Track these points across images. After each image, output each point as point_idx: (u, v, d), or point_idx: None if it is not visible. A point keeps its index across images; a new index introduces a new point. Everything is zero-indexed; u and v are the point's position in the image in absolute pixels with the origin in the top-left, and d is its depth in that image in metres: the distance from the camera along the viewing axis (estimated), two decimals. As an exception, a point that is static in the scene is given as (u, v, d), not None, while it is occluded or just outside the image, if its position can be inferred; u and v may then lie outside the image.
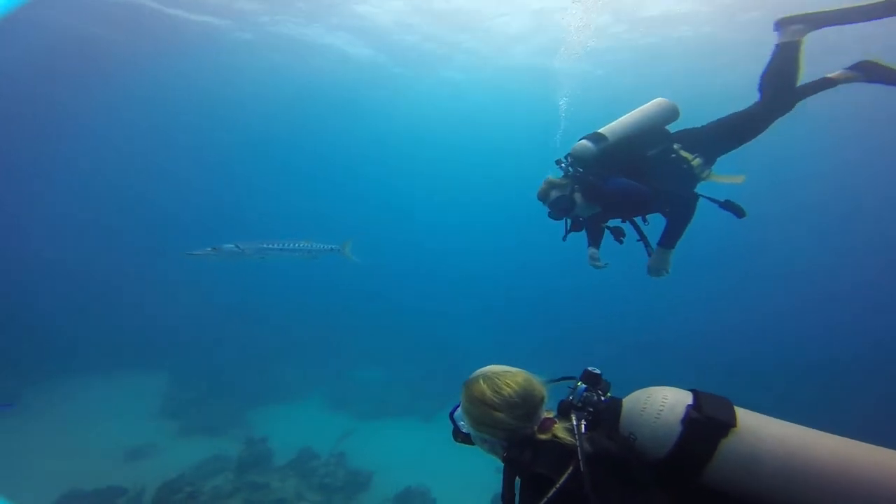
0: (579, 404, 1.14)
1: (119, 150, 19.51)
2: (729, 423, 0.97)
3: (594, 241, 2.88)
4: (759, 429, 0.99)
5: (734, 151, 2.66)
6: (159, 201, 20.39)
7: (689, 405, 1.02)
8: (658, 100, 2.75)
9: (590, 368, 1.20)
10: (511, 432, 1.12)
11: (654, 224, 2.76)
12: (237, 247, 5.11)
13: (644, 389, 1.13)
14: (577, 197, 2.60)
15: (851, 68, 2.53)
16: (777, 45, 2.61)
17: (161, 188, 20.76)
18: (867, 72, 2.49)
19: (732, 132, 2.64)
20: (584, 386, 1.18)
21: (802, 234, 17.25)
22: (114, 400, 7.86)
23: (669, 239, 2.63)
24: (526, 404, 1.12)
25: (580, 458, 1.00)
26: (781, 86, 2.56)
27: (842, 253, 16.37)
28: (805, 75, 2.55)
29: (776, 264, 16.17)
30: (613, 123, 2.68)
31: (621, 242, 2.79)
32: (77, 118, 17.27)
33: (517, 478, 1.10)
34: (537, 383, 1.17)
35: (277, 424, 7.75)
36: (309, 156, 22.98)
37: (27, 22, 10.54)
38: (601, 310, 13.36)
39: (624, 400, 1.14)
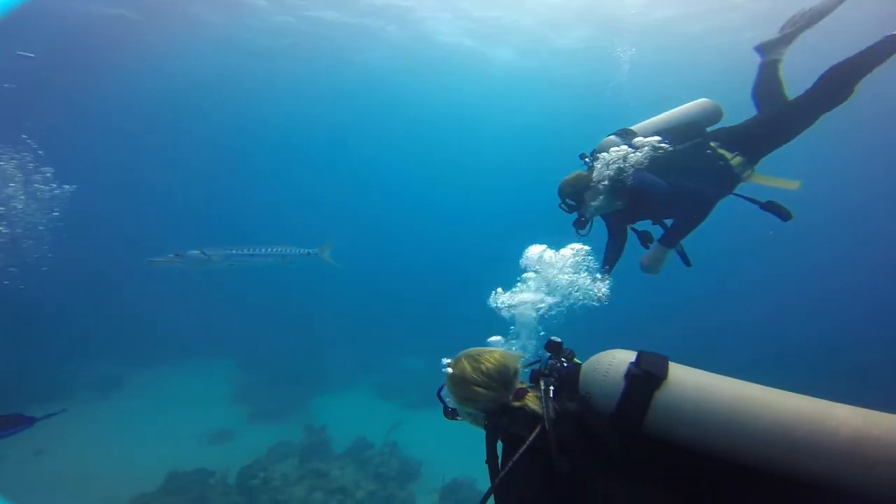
0: (546, 371, 1.28)
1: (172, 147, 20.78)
2: (660, 376, 1.07)
3: (613, 253, 2.75)
4: (685, 379, 1.08)
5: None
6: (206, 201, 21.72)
7: (631, 363, 1.12)
8: (701, 100, 2.59)
9: (553, 338, 1.34)
10: (490, 403, 1.29)
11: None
12: (203, 253, 4.86)
13: (598, 353, 1.23)
14: (592, 194, 2.50)
15: None
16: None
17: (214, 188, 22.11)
18: None
19: (776, 127, 2.41)
20: (548, 354, 1.33)
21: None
22: (192, 385, 8.88)
23: (671, 238, 2.51)
24: (502, 377, 1.29)
25: (545, 419, 1.15)
26: (839, 72, 2.28)
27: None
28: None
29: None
30: (647, 120, 2.57)
31: (647, 248, 2.66)
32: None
33: (498, 442, 1.24)
34: (511, 358, 1.35)
35: (333, 412, 8.38)
36: (342, 150, 23.20)
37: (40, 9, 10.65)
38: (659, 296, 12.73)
39: (582, 364, 1.25)
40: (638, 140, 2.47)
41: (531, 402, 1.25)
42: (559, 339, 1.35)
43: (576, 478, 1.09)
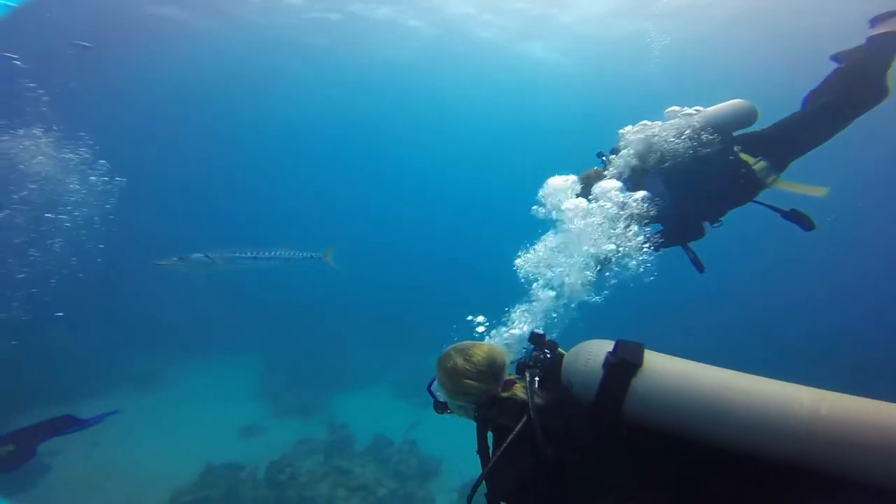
0: (531, 363, 1.34)
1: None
2: (636, 363, 1.09)
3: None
4: (661, 367, 1.10)
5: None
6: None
7: (608, 352, 1.15)
8: (735, 101, 2.45)
9: (535, 330, 1.40)
10: (481, 395, 1.32)
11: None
12: (206, 256, 4.92)
13: (580, 344, 1.26)
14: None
15: None
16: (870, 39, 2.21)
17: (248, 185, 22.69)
18: None
19: (802, 131, 2.29)
20: (532, 346, 1.38)
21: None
22: (223, 380, 9.31)
23: (656, 242, 2.39)
24: (491, 369, 1.34)
25: (530, 408, 1.19)
26: (866, 74, 2.15)
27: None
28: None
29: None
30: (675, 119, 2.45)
31: (701, 271, 2.55)
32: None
33: (488, 432, 1.28)
34: (499, 351, 1.40)
35: (354, 410, 8.62)
36: (362, 147, 23.21)
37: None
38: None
39: (564, 355, 1.29)
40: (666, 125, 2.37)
41: (519, 391, 1.31)
42: (542, 331, 1.41)
43: (562, 465, 1.13)
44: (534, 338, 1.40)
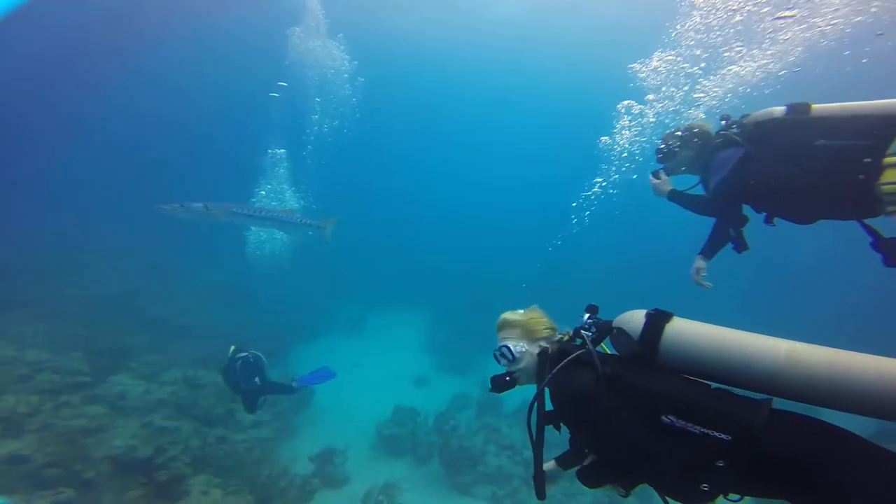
0: (586, 326, 1.60)
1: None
2: (669, 313, 1.46)
3: (715, 241, 2.60)
4: (685, 322, 1.45)
5: None
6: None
7: (648, 311, 1.50)
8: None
9: (591, 304, 1.66)
10: (546, 333, 1.64)
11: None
12: (205, 206, 5.04)
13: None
14: (686, 152, 2.55)
15: None
16: None
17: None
18: None
19: None
20: (588, 314, 1.64)
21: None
22: (403, 331, 11.60)
23: (708, 248, 2.60)
24: (546, 317, 1.70)
25: (587, 341, 1.51)
26: None
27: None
28: None
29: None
30: (833, 104, 2.15)
31: (739, 251, 2.54)
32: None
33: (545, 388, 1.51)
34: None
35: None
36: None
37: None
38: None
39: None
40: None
41: (570, 339, 1.64)
42: (596, 305, 1.66)
43: (617, 379, 1.38)
44: (589, 307, 1.65)
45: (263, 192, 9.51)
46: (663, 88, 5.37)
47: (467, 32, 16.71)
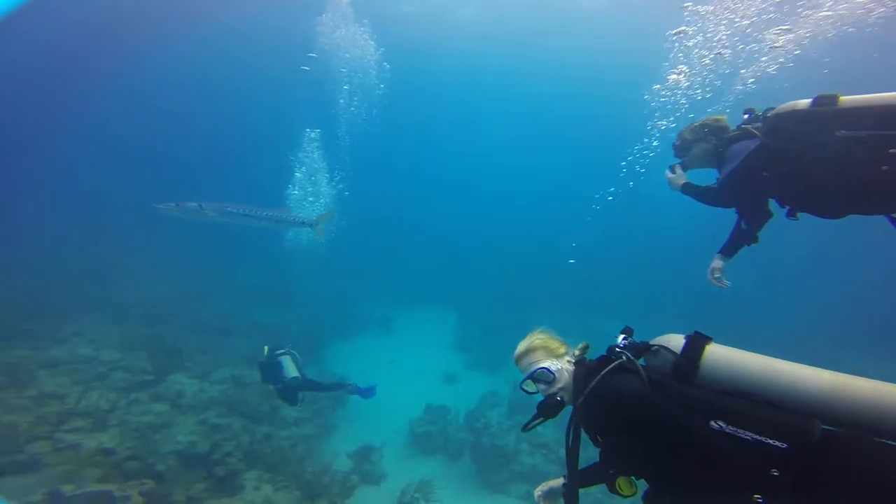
0: (619, 347, 1.59)
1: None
2: (709, 337, 1.50)
3: (736, 239, 2.58)
4: (722, 347, 1.49)
5: None
6: None
7: (688, 334, 1.54)
8: None
9: (627, 326, 1.67)
10: (570, 355, 1.69)
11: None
12: (199, 206, 5.09)
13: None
14: (700, 146, 2.56)
15: None
16: None
17: None
18: None
19: None
20: (623, 335, 1.65)
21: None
22: (430, 329, 11.86)
23: (727, 247, 2.60)
24: (557, 336, 1.77)
25: (626, 353, 1.53)
26: None
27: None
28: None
29: None
30: (860, 96, 2.03)
31: (747, 243, 2.54)
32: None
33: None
34: None
35: (533, 369, 9.42)
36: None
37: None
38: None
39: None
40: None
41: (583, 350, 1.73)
42: (631, 328, 1.69)
43: (659, 385, 1.41)
44: (625, 329, 1.66)
45: (298, 175, 9.70)
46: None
47: (500, 19, 16.19)
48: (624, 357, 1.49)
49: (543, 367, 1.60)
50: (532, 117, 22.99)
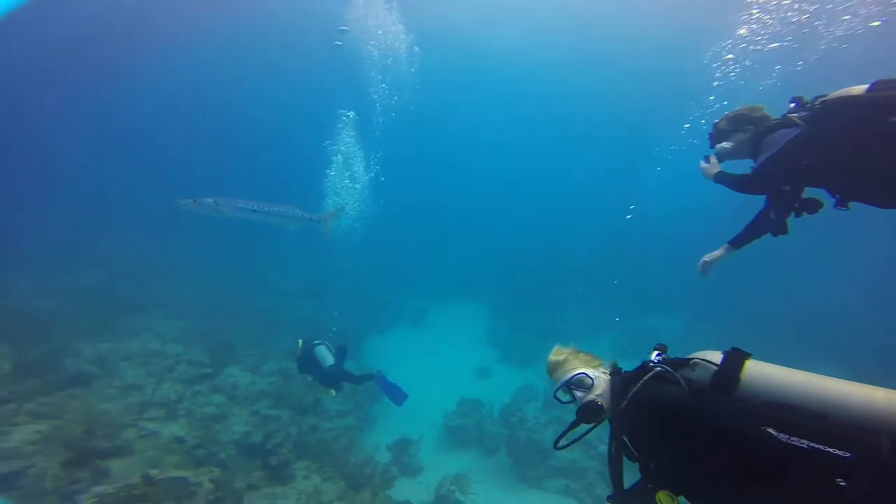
0: (652, 362, 1.56)
1: None
2: (748, 353, 1.46)
3: (753, 227, 2.60)
4: (763, 363, 1.44)
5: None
6: None
7: (726, 350, 1.51)
8: None
9: (660, 343, 1.66)
10: (602, 367, 1.68)
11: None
12: (215, 202, 5.32)
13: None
14: (737, 136, 2.50)
15: None
16: None
17: None
18: None
19: None
20: (657, 352, 1.62)
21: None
22: (463, 324, 12.01)
23: (741, 236, 2.64)
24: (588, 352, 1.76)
25: (664, 364, 1.51)
26: None
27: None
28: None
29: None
30: None
31: (775, 234, 2.50)
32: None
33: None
34: None
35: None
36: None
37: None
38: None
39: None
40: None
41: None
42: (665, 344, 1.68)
43: (702, 392, 1.39)
44: (658, 346, 1.64)
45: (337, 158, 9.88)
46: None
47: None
48: (661, 368, 1.47)
49: (582, 373, 1.59)
50: (571, 108, 21.91)
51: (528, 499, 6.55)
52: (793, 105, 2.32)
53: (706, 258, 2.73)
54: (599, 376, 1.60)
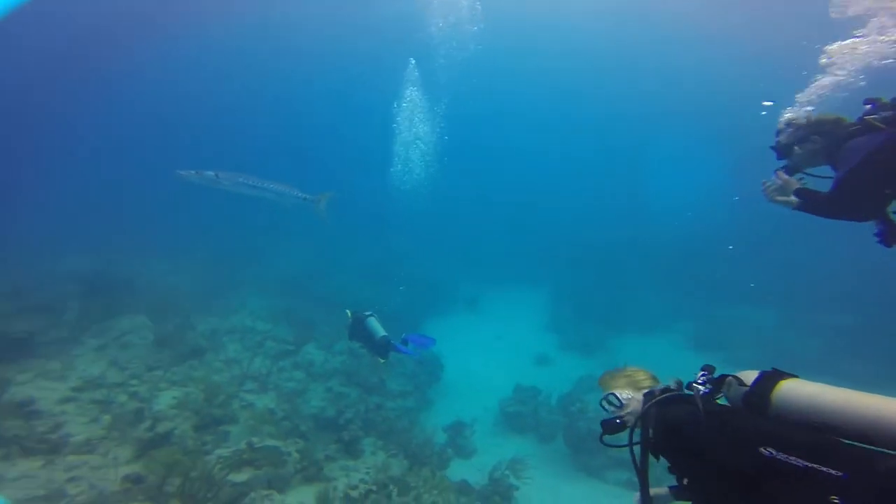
0: (699, 381, 1.59)
1: None
2: (787, 374, 1.48)
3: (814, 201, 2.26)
4: (807, 382, 1.45)
5: None
6: None
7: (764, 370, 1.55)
8: None
9: (707, 364, 1.69)
10: (649, 388, 1.73)
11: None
12: (216, 175, 5.33)
13: None
14: (808, 147, 2.26)
15: None
16: None
17: None
18: None
19: None
20: (703, 372, 1.64)
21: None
22: (520, 309, 11.80)
23: (808, 200, 2.26)
24: (648, 372, 1.85)
25: (691, 386, 1.57)
26: None
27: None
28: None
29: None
30: None
31: (889, 245, 2.21)
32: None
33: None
34: None
35: (635, 354, 8.72)
36: None
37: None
38: None
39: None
40: None
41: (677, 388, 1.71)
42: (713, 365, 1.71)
43: (713, 416, 1.43)
44: (705, 367, 1.67)
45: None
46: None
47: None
48: (676, 388, 1.61)
49: (612, 394, 1.78)
50: (651, 83, 19.00)
51: (585, 487, 6.51)
52: (869, 107, 2.12)
53: (774, 185, 2.33)
54: (632, 398, 1.74)
